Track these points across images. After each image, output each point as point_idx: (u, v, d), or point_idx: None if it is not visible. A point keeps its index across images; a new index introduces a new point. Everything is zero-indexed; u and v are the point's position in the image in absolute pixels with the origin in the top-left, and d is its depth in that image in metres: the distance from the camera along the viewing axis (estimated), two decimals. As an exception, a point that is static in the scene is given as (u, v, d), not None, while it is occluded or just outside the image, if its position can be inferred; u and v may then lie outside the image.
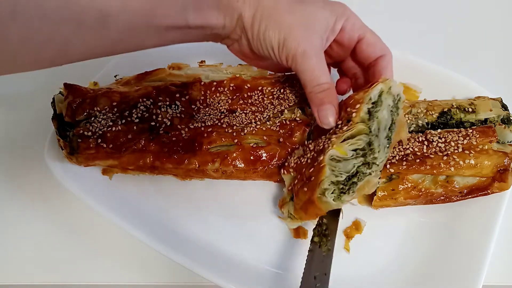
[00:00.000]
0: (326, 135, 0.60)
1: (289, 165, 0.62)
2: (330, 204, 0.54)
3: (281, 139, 0.65)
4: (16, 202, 0.71)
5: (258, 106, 0.68)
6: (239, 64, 0.72)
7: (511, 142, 0.65)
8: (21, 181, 0.73)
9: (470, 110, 0.67)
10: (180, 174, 0.67)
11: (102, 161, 0.64)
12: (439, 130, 0.65)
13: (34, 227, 0.69)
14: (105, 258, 0.67)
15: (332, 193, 0.54)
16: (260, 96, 0.68)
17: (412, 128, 0.68)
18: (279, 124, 0.66)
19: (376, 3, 0.95)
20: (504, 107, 0.68)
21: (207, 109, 0.67)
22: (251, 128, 0.65)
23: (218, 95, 0.68)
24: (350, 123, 0.57)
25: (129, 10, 0.50)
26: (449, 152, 0.63)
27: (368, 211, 0.67)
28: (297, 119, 0.66)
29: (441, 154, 0.63)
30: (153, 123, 0.65)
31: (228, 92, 0.68)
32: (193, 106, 0.67)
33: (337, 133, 0.58)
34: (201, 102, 0.67)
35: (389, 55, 0.64)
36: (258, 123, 0.66)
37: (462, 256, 0.61)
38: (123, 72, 0.73)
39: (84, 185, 0.64)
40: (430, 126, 0.68)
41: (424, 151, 0.63)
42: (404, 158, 0.63)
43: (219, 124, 0.65)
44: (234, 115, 0.67)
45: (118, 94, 0.67)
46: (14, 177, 0.74)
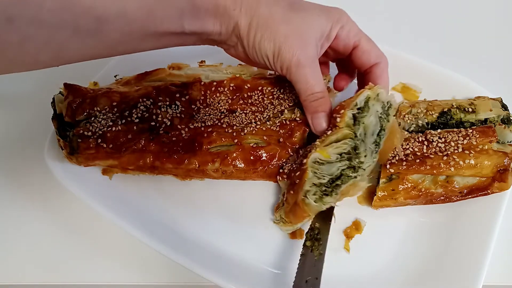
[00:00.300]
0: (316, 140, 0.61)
1: (283, 171, 0.63)
2: (312, 206, 0.55)
3: (281, 139, 0.65)
4: (16, 202, 0.71)
5: (258, 106, 0.68)
6: (239, 64, 0.72)
7: (511, 142, 0.65)
8: (21, 181, 0.73)
9: (470, 110, 0.67)
10: (180, 174, 0.67)
11: (102, 161, 0.64)
12: (439, 130, 0.66)
13: (34, 227, 0.69)
14: (105, 258, 0.67)
15: (313, 194, 0.56)
16: (260, 96, 0.68)
17: (412, 128, 0.68)
18: (279, 124, 0.66)
19: (376, 3, 0.95)
20: (504, 107, 0.68)
21: (207, 109, 0.67)
22: (251, 128, 0.65)
23: (218, 95, 0.68)
24: (336, 128, 0.58)
25: (125, 16, 0.50)
26: (449, 152, 0.63)
27: (368, 211, 0.67)
28: (297, 119, 0.66)
29: (441, 154, 0.63)
30: (153, 123, 0.65)
31: (228, 92, 0.68)
32: (193, 106, 0.67)
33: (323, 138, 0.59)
34: (201, 102, 0.67)
35: (384, 62, 0.64)
36: (258, 123, 0.66)
37: (462, 256, 0.61)
38: (123, 72, 0.73)
39: (84, 185, 0.64)
40: (430, 126, 0.68)
41: (424, 151, 0.63)
42: (404, 158, 0.63)
43: (219, 124, 0.65)
44: (234, 115, 0.67)
45: (118, 94, 0.67)
46: (14, 177, 0.74)
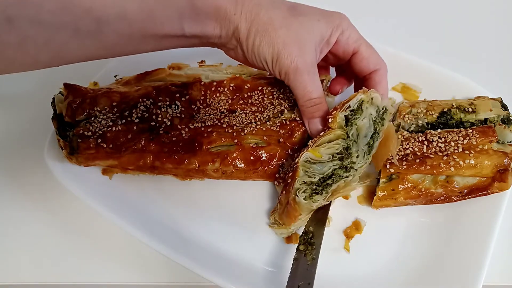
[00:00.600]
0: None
1: (279, 176, 0.64)
2: (302, 204, 0.56)
3: (281, 139, 0.65)
4: (16, 202, 0.71)
5: (258, 106, 0.68)
6: (239, 64, 0.72)
7: (511, 142, 0.65)
8: (21, 181, 0.73)
9: (470, 110, 0.67)
10: (180, 174, 0.67)
11: (102, 161, 0.64)
12: (439, 130, 0.66)
13: (34, 227, 0.69)
14: (105, 258, 0.67)
15: (303, 192, 0.56)
16: (260, 96, 0.68)
17: (412, 128, 0.68)
18: (279, 124, 0.66)
19: (377, 2, 0.95)
20: (504, 107, 0.68)
21: (207, 109, 0.67)
22: (251, 128, 0.65)
23: (218, 95, 0.68)
24: (329, 129, 0.59)
25: (125, 18, 0.51)
26: (449, 152, 0.63)
27: (368, 211, 0.67)
28: (297, 119, 0.66)
29: (441, 154, 0.63)
30: (153, 123, 0.65)
31: (228, 92, 0.68)
32: (193, 106, 0.67)
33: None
34: (201, 102, 0.67)
35: (383, 69, 0.65)
36: (258, 123, 0.66)
37: (462, 256, 0.61)
38: (123, 72, 0.73)
39: (84, 185, 0.64)
40: (430, 126, 0.68)
41: (424, 151, 0.63)
42: (404, 158, 0.63)
43: (219, 124, 0.65)
44: (234, 115, 0.67)
45: (118, 94, 0.67)
46: (14, 177, 0.73)
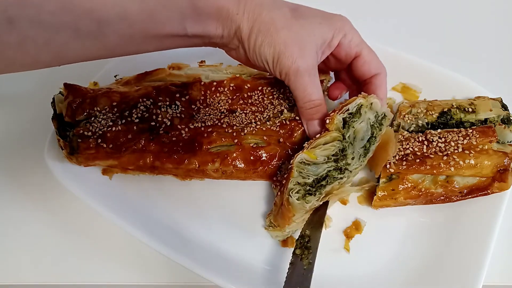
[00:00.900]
0: None
1: (277, 178, 0.64)
2: (295, 204, 0.56)
3: (281, 139, 0.65)
4: (16, 202, 0.71)
5: (258, 106, 0.68)
6: (239, 64, 0.72)
7: (511, 142, 0.65)
8: (21, 181, 0.73)
9: (470, 110, 0.67)
10: (180, 174, 0.67)
11: (102, 161, 0.64)
12: (439, 130, 0.66)
13: (34, 227, 0.69)
14: (105, 258, 0.67)
15: (296, 192, 0.57)
16: (260, 96, 0.68)
17: (412, 128, 0.68)
18: (279, 124, 0.66)
19: (377, 3, 0.95)
20: (504, 107, 0.68)
21: (207, 109, 0.67)
22: (251, 128, 0.65)
23: (218, 95, 0.68)
24: (326, 131, 0.59)
25: (126, 19, 0.50)
26: (449, 152, 0.63)
27: (368, 211, 0.67)
28: (297, 118, 0.66)
29: (441, 154, 0.63)
30: (153, 123, 0.65)
31: (228, 92, 0.68)
32: (193, 106, 0.67)
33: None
34: (201, 102, 0.67)
35: (383, 74, 0.65)
36: (258, 123, 0.66)
37: (462, 256, 0.61)
38: (123, 72, 0.73)
39: (84, 185, 0.64)
40: (430, 126, 0.68)
41: (424, 151, 0.63)
42: (404, 158, 0.63)
43: (219, 124, 0.65)
44: (234, 115, 0.67)
45: (118, 94, 0.67)
46: (14, 177, 0.73)
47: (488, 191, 0.63)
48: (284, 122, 0.66)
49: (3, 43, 0.45)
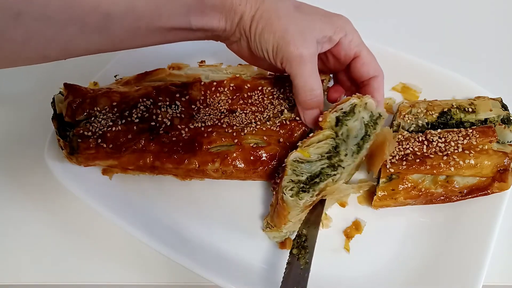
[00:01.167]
0: None
1: (274, 181, 0.64)
2: (288, 201, 0.57)
3: (281, 139, 0.65)
4: (16, 202, 0.71)
5: (258, 106, 0.68)
6: (239, 64, 0.72)
7: (511, 142, 0.65)
8: (21, 181, 0.73)
9: (470, 110, 0.67)
10: (180, 174, 0.67)
11: (102, 161, 0.64)
12: (439, 130, 0.66)
13: (34, 227, 0.69)
14: (105, 258, 0.67)
15: (290, 190, 0.57)
16: (260, 96, 0.68)
17: (412, 128, 0.68)
18: (279, 124, 0.66)
19: (377, 3, 0.95)
20: (504, 107, 0.68)
21: (207, 109, 0.67)
22: (251, 128, 0.65)
23: (218, 95, 0.68)
24: (319, 129, 0.60)
25: (133, 13, 0.51)
26: (449, 152, 0.63)
27: (368, 211, 0.67)
28: (297, 119, 0.66)
29: (441, 154, 0.63)
30: (153, 123, 0.65)
31: (228, 92, 0.68)
32: (193, 106, 0.67)
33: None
34: (201, 102, 0.67)
35: (381, 76, 0.65)
36: (258, 123, 0.66)
37: (462, 256, 0.61)
38: (123, 72, 0.73)
39: (84, 185, 0.64)
40: (430, 126, 0.68)
41: (424, 151, 0.63)
42: (404, 158, 0.63)
43: (219, 124, 0.65)
44: (234, 115, 0.67)
45: (118, 94, 0.67)
46: (14, 177, 0.73)
47: (488, 191, 0.63)
48: (284, 122, 0.66)
49: (10, 38, 0.45)
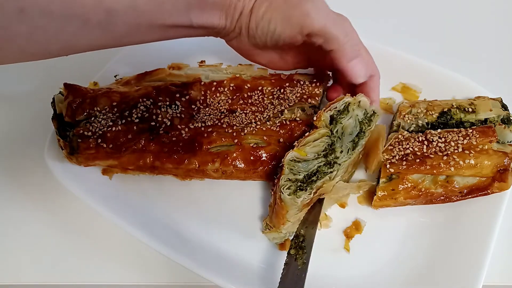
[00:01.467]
0: None
1: (274, 183, 0.64)
2: (286, 200, 0.57)
3: (281, 139, 0.65)
4: (16, 202, 0.71)
5: (258, 106, 0.68)
6: (239, 64, 0.72)
7: (511, 142, 0.65)
8: (21, 181, 0.73)
9: (470, 110, 0.67)
10: (180, 174, 0.67)
11: (102, 161, 0.64)
12: (439, 130, 0.66)
13: (34, 227, 0.69)
14: (105, 258, 0.67)
15: (287, 188, 0.58)
16: (260, 96, 0.68)
17: (412, 128, 0.68)
18: (279, 124, 0.66)
19: (377, 3, 0.95)
20: (504, 107, 0.68)
21: (207, 109, 0.67)
22: (251, 128, 0.65)
23: (218, 95, 0.68)
24: (314, 129, 0.61)
25: (135, 9, 0.51)
26: (449, 152, 0.63)
27: (368, 211, 0.67)
28: (297, 119, 0.66)
29: (441, 154, 0.63)
30: (153, 123, 0.65)
31: (228, 92, 0.68)
32: (193, 106, 0.67)
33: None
34: (201, 102, 0.67)
35: (377, 76, 0.65)
36: (258, 123, 0.66)
37: (462, 256, 0.61)
38: (123, 72, 0.73)
39: (84, 185, 0.64)
40: (430, 126, 0.68)
41: (424, 151, 0.63)
42: (404, 158, 0.63)
43: (219, 124, 0.65)
44: (234, 115, 0.67)
45: (118, 94, 0.67)
46: (14, 177, 0.73)
47: (488, 191, 0.63)
48: (284, 122, 0.66)
49: (14, 33, 0.46)
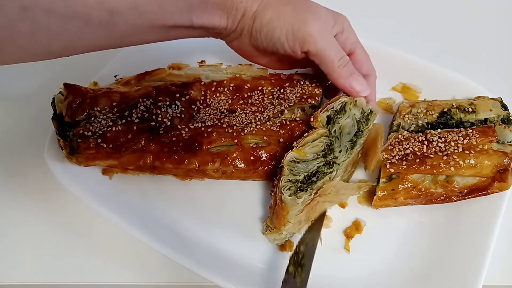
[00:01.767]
0: None
1: (273, 184, 0.64)
2: (287, 201, 0.57)
3: (281, 139, 0.65)
4: (16, 202, 0.71)
5: (258, 106, 0.68)
6: (239, 64, 0.72)
7: (511, 142, 0.65)
8: (21, 181, 0.73)
9: (470, 110, 0.67)
10: (180, 174, 0.67)
11: (102, 161, 0.64)
12: (439, 130, 0.66)
13: (34, 227, 0.69)
14: (105, 258, 0.67)
15: (288, 189, 0.58)
16: (260, 96, 0.68)
17: (412, 128, 0.68)
18: (279, 124, 0.66)
19: (377, 3, 0.95)
20: (504, 107, 0.68)
21: (207, 109, 0.67)
22: (251, 128, 0.65)
23: (218, 95, 0.68)
24: (312, 129, 0.61)
25: (136, 9, 0.51)
26: (449, 152, 0.63)
27: (368, 211, 0.67)
28: (297, 119, 0.66)
29: (441, 154, 0.63)
30: (153, 123, 0.65)
31: (228, 92, 0.68)
32: (193, 106, 0.67)
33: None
34: (201, 102, 0.67)
35: (373, 76, 0.66)
36: (258, 123, 0.66)
37: (462, 256, 0.61)
38: (123, 72, 0.73)
39: (84, 185, 0.64)
40: (430, 126, 0.68)
41: (424, 151, 0.63)
42: (404, 158, 0.63)
43: (219, 124, 0.65)
44: (234, 115, 0.67)
45: (118, 94, 0.67)
46: (14, 177, 0.73)
47: (488, 191, 0.63)
48: (284, 122, 0.66)
49: (17, 32, 0.46)
